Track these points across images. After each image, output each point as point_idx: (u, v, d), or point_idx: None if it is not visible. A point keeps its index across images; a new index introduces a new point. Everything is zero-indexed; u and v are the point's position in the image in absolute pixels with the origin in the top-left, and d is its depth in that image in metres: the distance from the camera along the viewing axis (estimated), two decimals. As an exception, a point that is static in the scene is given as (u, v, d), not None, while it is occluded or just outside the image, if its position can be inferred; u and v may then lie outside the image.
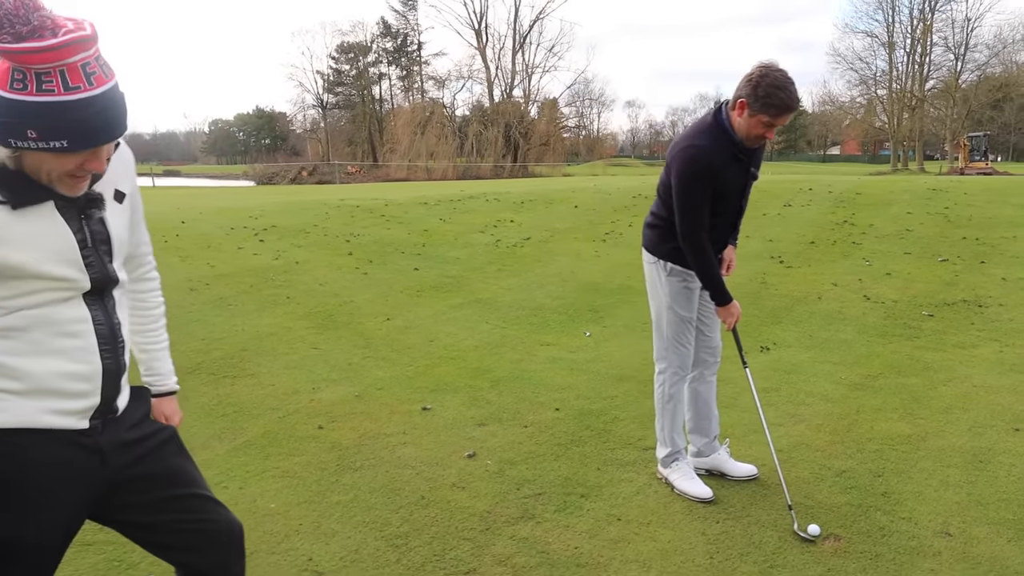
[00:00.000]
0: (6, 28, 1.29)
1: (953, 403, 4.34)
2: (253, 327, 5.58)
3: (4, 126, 1.35)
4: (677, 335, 3.32)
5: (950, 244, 8.53)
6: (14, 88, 1.33)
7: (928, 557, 2.79)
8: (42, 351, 1.50)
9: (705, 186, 3.00)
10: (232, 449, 3.74)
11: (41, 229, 1.48)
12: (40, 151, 1.39)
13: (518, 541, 2.93)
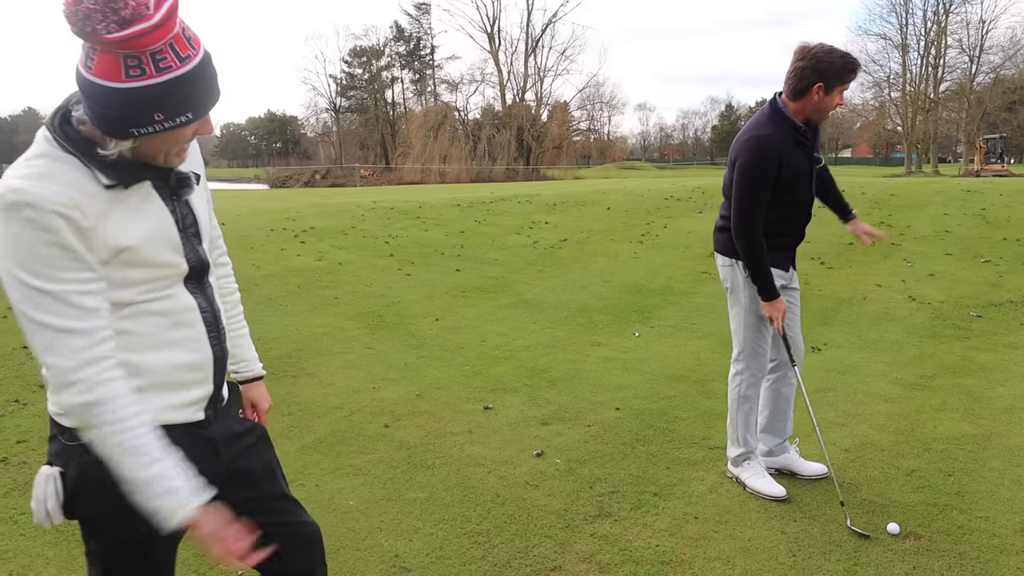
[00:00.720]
0: (109, 16, 1.22)
1: (1014, 403, 4.33)
2: (306, 327, 5.64)
3: (125, 119, 1.32)
4: (755, 337, 3.32)
5: (991, 245, 8.48)
6: (131, 76, 1.27)
7: (1013, 555, 2.79)
8: (157, 344, 1.48)
9: (770, 175, 3.02)
10: (302, 447, 3.78)
11: (142, 213, 1.45)
12: (165, 131, 1.36)
13: (599, 539, 2.95)
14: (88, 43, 1.28)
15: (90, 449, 1.41)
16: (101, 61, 1.27)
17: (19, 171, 1.33)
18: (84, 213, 1.34)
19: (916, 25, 56.24)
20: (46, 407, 1.51)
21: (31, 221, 1.29)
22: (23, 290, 1.31)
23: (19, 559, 2.79)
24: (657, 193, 12.45)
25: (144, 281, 1.45)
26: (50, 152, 1.36)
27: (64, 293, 1.32)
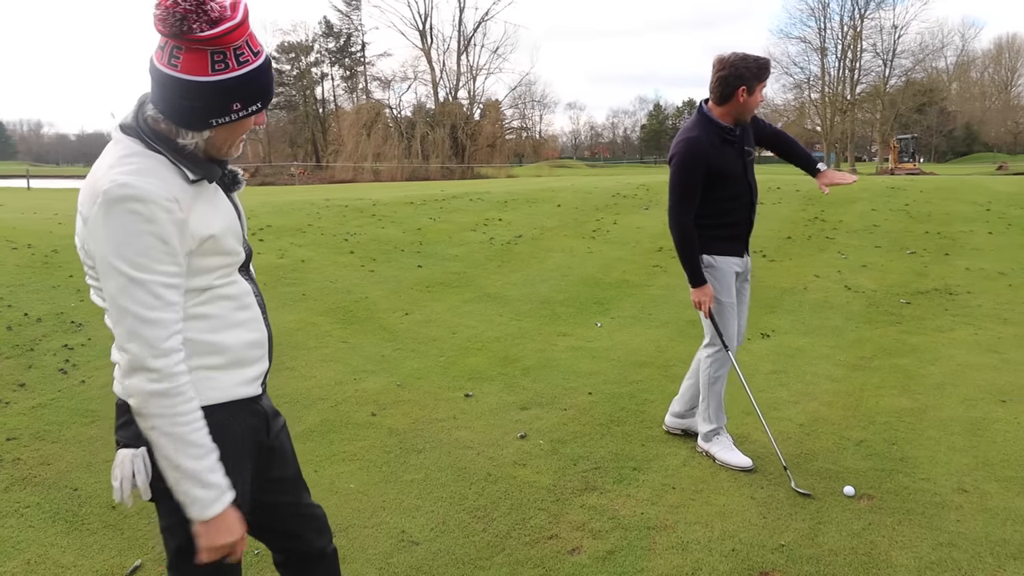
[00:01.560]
0: (201, 17, 1.39)
1: (943, 380, 4.78)
2: (278, 323, 5.72)
3: (207, 109, 1.47)
4: (721, 321, 3.64)
5: (915, 238, 9.13)
6: (216, 70, 1.43)
7: (952, 510, 3.15)
8: (230, 324, 1.62)
9: (698, 172, 3.39)
10: (294, 437, 3.90)
11: (217, 205, 1.60)
12: (239, 120, 1.52)
13: (588, 509, 3.19)
14: (175, 42, 1.42)
15: None
16: (188, 58, 1.42)
17: (120, 168, 1.45)
18: (180, 206, 1.48)
19: (833, 29, 58.90)
20: (40, 402, 1.58)
21: (136, 214, 1.42)
22: (119, 279, 1.43)
23: (33, 548, 2.86)
24: (604, 191, 12.83)
25: (219, 268, 1.60)
26: (140, 150, 1.49)
27: (153, 284, 1.45)
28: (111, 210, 1.41)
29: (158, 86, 1.47)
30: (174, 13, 1.38)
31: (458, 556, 2.84)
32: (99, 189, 1.43)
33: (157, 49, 1.46)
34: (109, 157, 1.50)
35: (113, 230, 1.42)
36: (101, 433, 3.84)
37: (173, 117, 1.48)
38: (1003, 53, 79.85)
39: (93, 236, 1.45)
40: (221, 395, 1.61)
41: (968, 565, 2.74)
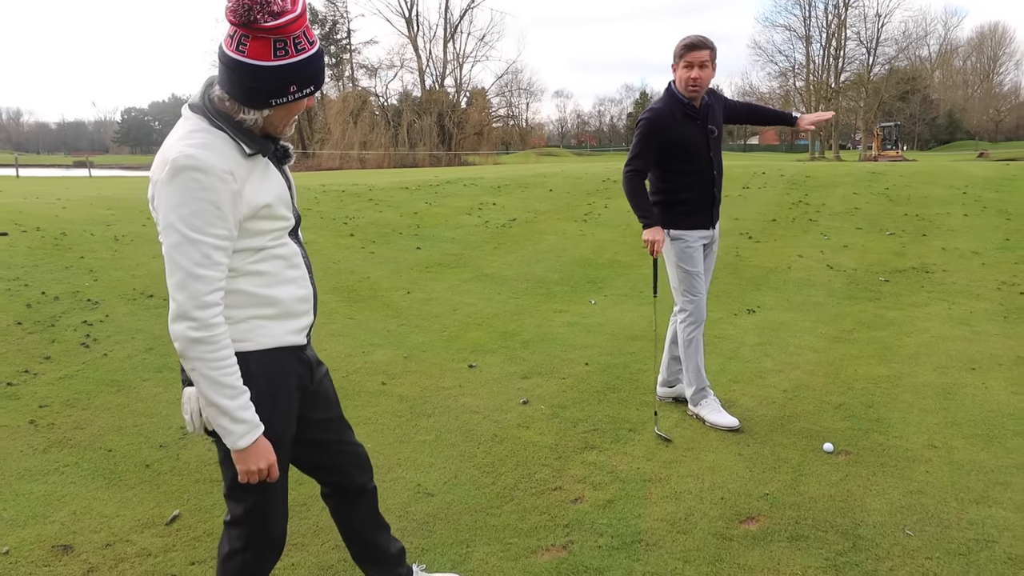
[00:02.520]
0: (265, 9, 1.61)
1: (918, 350, 5.08)
2: (286, 301, 5.95)
3: (269, 91, 1.69)
4: (688, 288, 3.92)
5: (894, 220, 9.45)
6: (278, 56, 1.66)
7: (922, 463, 3.44)
8: (282, 281, 1.85)
9: (652, 136, 3.75)
10: (311, 403, 4.16)
11: (269, 176, 1.82)
12: (295, 101, 1.74)
13: (588, 465, 3.46)
14: (243, 31, 1.64)
15: None
16: (254, 45, 1.64)
17: (186, 142, 1.67)
18: (235, 177, 1.70)
19: (818, 17, 59.25)
20: (67, 373, 1.80)
21: (197, 182, 1.63)
22: (175, 236, 1.64)
23: (77, 501, 3.09)
24: (594, 176, 13.10)
25: (271, 231, 1.82)
26: (205, 127, 1.72)
27: (204, 244, 1.65)
28: (176, 177, 1.63)
29: (226, 69, 1.69)
30: (243, 4, 1.60)
31: (471, 505, 3.10)
32: (168, 158, 1.65)
33: (226, 37, 1.68)
34: (179, 131, 1.73)
35: (175, 194, 1.64)
36: (128, 401, 4.08)
37: (238, 97, 1.70)
38: (985, 42, 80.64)
39: (158, 197, 1.67)
40: (272, 341, 1.83)
41: (935, 509, 3.02)
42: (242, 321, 1.80)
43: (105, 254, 6.94)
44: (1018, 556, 2.65)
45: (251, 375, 1.80)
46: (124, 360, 4.62)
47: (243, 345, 1.80)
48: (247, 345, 1.81)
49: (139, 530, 2.87)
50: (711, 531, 2.85)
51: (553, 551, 2.73)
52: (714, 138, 3.86)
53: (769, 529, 2.87)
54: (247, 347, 1.80)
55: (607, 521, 2.93)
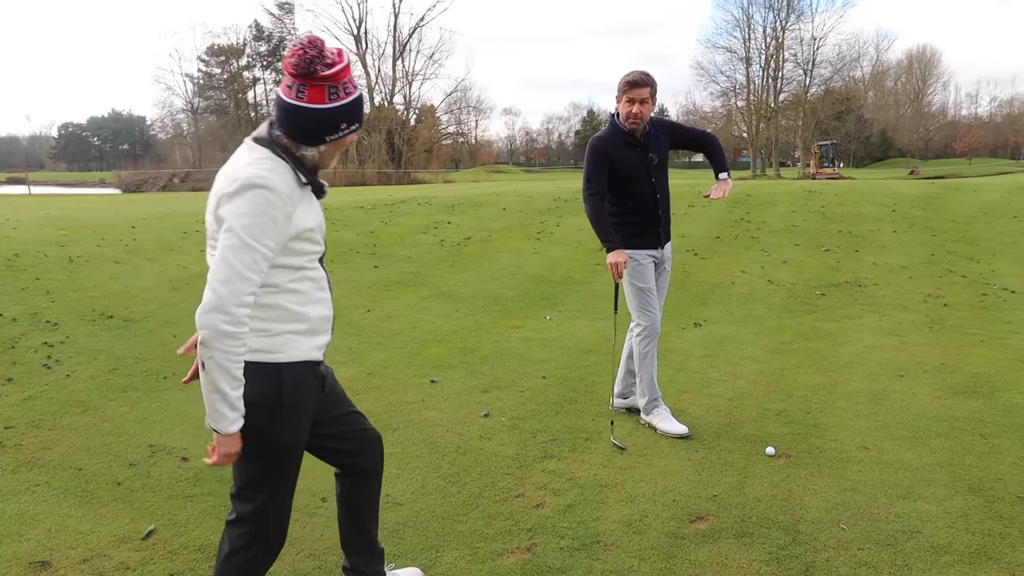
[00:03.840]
0: (321, 62, 1.93)
1: (852, 360, 5.43)
2: (246, 321, 6.01)
3: (323, 128, 1.98)
4: (643, 304, 4.17)
5: (830, 236, 9.96)
6: (332, 99, 1.96)
7: (855, 463, 3.72)
8: (312, 301, 2.09)
9: (598, 160, 4.06)
10: (277, 420, 4.26)
11: (313, 205, 2.07)
12: (343, 138, 2.03)
13: (549, 473, 3.65)
14: (301, 81, 1.93)
15: (266, 372, 1.99)
16: (311, 92, 1.94)
17: (257, 166, 1.93)
18: (292, 201, 1.95)
19: (757, 40, 61.30)
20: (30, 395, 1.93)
21: (264, 198, 1.88)
22: (234, 240, 1.85)
23: (51, 519, 3.15)
24: (546, 195, 13.40)
25: (308, 253, 2.06)
26: (271, 155, 1.98)
27: (256, 252, 1.88)
28: (246, 192, 1.88)
29: (285, 114, 1.97)
30: (304, 59, 1.91)
31: (438, 513, 3.25)
32: (239, 176, 1.89)
33: (284, 88, 1.97)
34: (247, 157, 1.98)
35: (242, 205, 1.87)
36: (95, 421, 4.12)
37: (296, 137, 1.99)
38: (914, 64, 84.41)
39: (226, 206, 1.89)
40: (301, 355, 2.05)
41: (866, 504, 3.30)
42: (278, 335, 2.01)
43: (61, 275, 6.89)
44: (940, 544, 2.92)
45: (281, 384, 2.02)
46: (88, 381, 4.65)
47: (276, 356, 2.01)
48: (280, 356, 2.02)
49: (116, 545, 2.95)
50: (664, 531, 3.06)
51: (518, 553, 2.90)
52: (655, 165, 4.12)
53: (717, 527, 3.09)
54: (280, 358, 2.02)
55: (567, 524, 3.12)
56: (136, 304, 6.37)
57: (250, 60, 69.85)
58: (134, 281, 7.05)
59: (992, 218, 10.64)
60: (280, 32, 67.92)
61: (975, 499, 3.32)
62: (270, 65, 69.59)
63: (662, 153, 4.17)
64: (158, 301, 6.51)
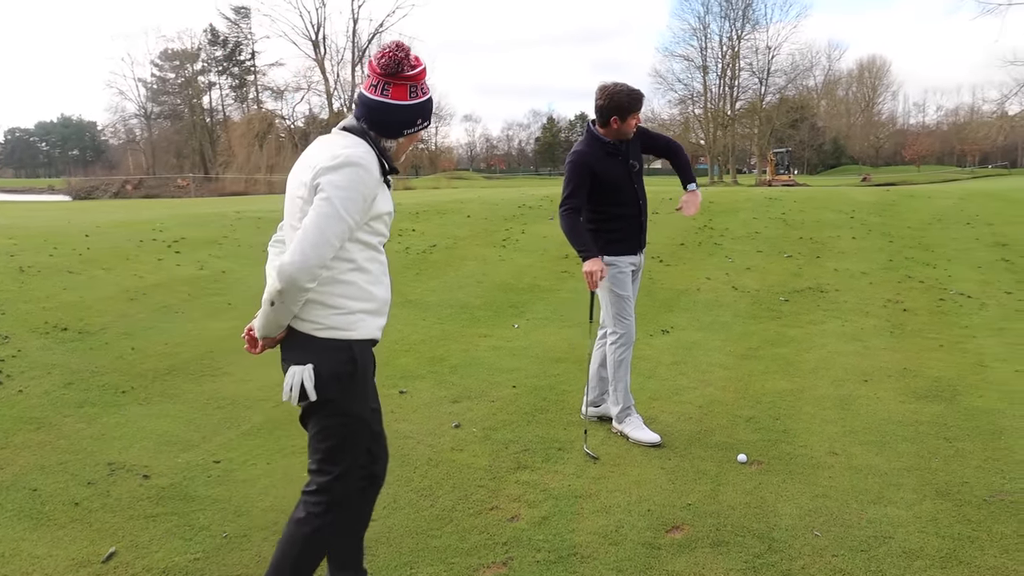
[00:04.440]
0: (407, 63, 2.20)
1: (817, 365, 5.50)
2: (209, 331, 5.85)
3: (403, 123, 2.24)
4: (619, 311, 4.17)
5: (791, 243, 10.12)
6: (412, 97, 2.23)
7: (825, 469, 3.76)
8: (379, 282, 2.27)
9: (583, 176, 4.03)
10: (243, 434, 4.15)
11: (387, 192, 2.26)
12: (417, 132, 2.30)
13: (522, 484, 3.61)
14: (386, 79, 2.20)
15: (340, 347, 2.16)
16: (395, 90, 2.21)
17: (356, 149, 2.14)
18: (377, 184, 2.17)
19: (714, 49, 62.30)
20: None
21: (360, 177, 2.10)
22: (330, 208, 2.06)
23: (4, 543, 3.00)
24: (510, 202, 13.39)
25: (381, 235, 2.27)
26: (361, 142, 2.19)
27: (345, 224, 2.08)
28: (346, 167, 2.09)
29: (368, 109, 2.22)
30: (394, 60, 2.18)
31: (411, 528, 3.18)
32: (340, 153, 2.10)
33: (369, 87, 2.22)
34: (342, 141, 2.18)
35: (342, 178, 2.08)
36: (50, 439, 3.96)
37: (379, 130, 2.24)
38: (864, 73, 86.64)
39: (326, 176, 2.08)
40: (368, 333, 2.23)
41: (838, 510, 3.32)
42: (352, 312, 2.19)
43: (11, 286, 6.64)
44: (912, 549, 2.96)
45: (353, 359, 2.19)
46: (42, 396, 4.47)
47: (350, 333, 2.18)
48: (353, 334, 2.19)
49: (74, 570, 2.82)
50: (640, 541, 3.05)
51: (494, 568, 2.86)
52: (636, 172, 4.15)
53: (693, 537, 3.08)
54: (352, 335, 2.19)
55: (543, 537, 3.08)
56: (91, 315, 6.17)
57: (205, 65, 68.77)
58: (89, 292, 6.82)
59: (946, 224, 10.92)
60: (236, 37, 67.12)
61: (943, 503, 3.36)
62: (226, 70, 68.59)
63: (640, 158, 4.20)
64: (114, 312, 6.31)
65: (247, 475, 3.65)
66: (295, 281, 2.03)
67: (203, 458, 3.82)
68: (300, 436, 4.14)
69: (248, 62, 68.15)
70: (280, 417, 4.36)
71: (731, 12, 60.83)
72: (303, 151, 2.34)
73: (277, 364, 2.26)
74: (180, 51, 66.87)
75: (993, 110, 39.73)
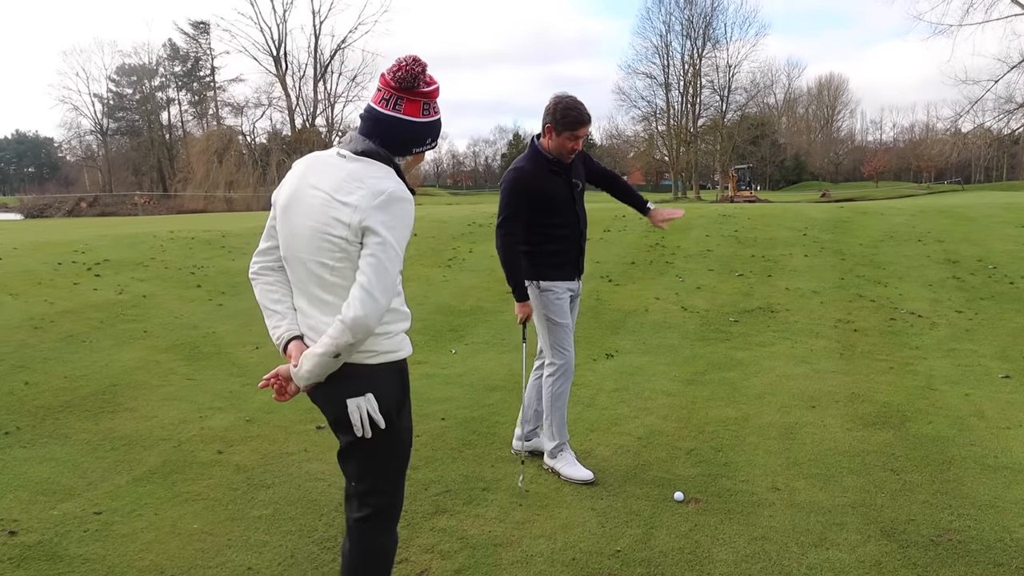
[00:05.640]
0: (422, 79, 2.10)
1: (764, 390, 5.28)
2: (117, 362, 5.43)
3: (414, 140, 2.15)
4: (558, 340, 3.88)
5: (743, 261, 9.96)
6: (424, 115, 2.14)
7: (766, 507, 3.51)
8: (404, 302, 2.22)
9: (522, 196, 3.72)
10: (134, 480, 3.76)
11: None
12: (424, 151, 2.21)
13: (438, 532, 3.29)
14: (400, 94, 2.09)
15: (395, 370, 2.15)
16: (408, 106, 2.11)
17: (393, 180, 2.05)
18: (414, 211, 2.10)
19: (676, 66, 63.09)
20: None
21: (407, 212, 2.04)
22: (391, 252, 1.99)
23: None
24: (460, 220, 13.09)
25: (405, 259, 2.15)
26: (389, 169, 2.09)
27: (401, 260, 2.04)
28: (393, 205, 2.00)
29: (379, 124, 2.11)
30: (411, 74, 2.08)
31: (307, 588, 2.85)
32: (382, 190, 2.00)
33: (381, 101, 2.11)
34: (374, 171, 2.06)
35: (392, 217, 2.00)
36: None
37: (389, 146, 2.12)
38: (823, 91, 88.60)
39: (376, 217, 1.98)
40: (409, 351, 2.22)
41: (777, 555, 3.06)
42: (396, 335, 2.16)
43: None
44: (852, 601, 2.70)
45: (403, 377, 2.21)
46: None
47: (397, 355, 2.17)
48: (400, 355, 2.18)
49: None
50: (560, 598, 2.75)
51: (393, 636, 2.53)
52: (578, 192, 3.87)
53: (617, 591, 2.80)
54: (399, 356, 2.18)
55: (453, 596, 2.77)
56: (-9, 345, 5.70)
57: (164, 80, 67.65)
58: (-5, 319, 6.35)
59: (898, 241, 10.88)
60: (196, 52, 66.14)
61: (888, 545, 3.13)
62: (185, 86, 67.55)
63: (583, 179, 3.93)
64: (14, 342, 5.84)
65: (129, 528, 3.27)
66: (369, 329, 2.00)
67: (83, 509, 3.43)
68: (195, 481, 3.81)
69: (208, 78, 67.22)
70: (178, 459, 3.99)
71: (692, 31, 61.73)
72: (271, 169, 2.13)
73: (187, 398, 1.97)
74: (138, 66, 65.77)
75: (947, 127, 40.62)
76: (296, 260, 2.12)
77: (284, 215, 2.14)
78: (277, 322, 2.19)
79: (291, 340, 2.18)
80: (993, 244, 10.54)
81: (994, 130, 36.69)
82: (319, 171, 2.11)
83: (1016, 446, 4.20)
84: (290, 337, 2.18)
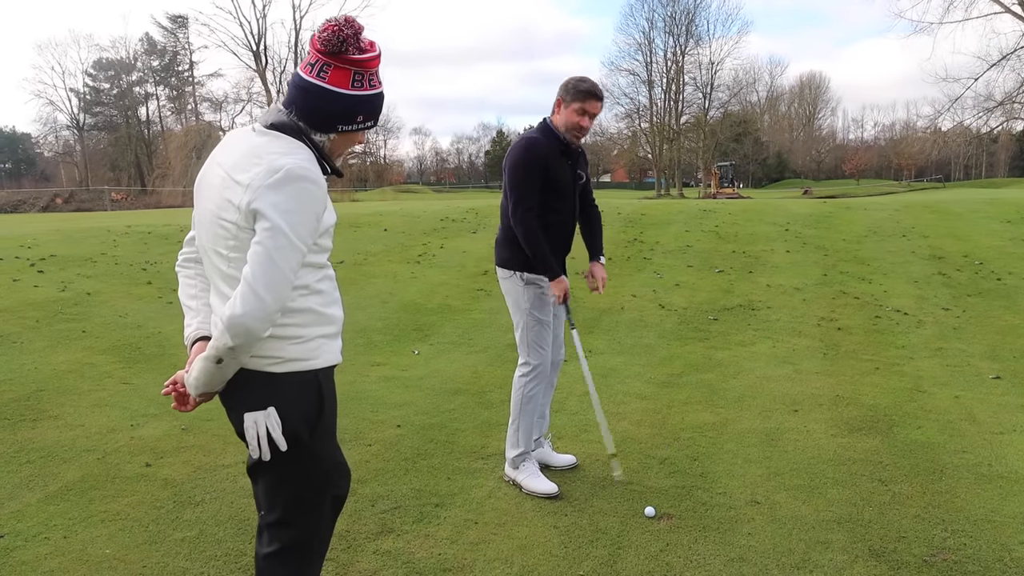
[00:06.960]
0: (355, 44, 1.79)
1: (744, 393, 4.97)
2: (47, 365, 5.03)
3: (339, 115, 1.83)
4: (537, 338, 3.57)
5: (723, 257, 9.67)
6: (355, 87, 1.81)
7: (745, 523, 3.20)
8: (333, 301, 1.94)
9: (536, 169, 3.40)
10: (46, 497, 3.39)
11: (330, 200, 1.89)
12: (356, 131, 1.88)
13: (381, 555, 2.95)
14: (327, 59, 1.78)
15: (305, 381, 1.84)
16: (335, 74, 1.79)
17: (295, 156, 1.74)
18: (326, 196, 1.80)
19: (659, 63, 62.88)
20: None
21: (310, 192, 1.72)
22: (282, 240, 1.68)
23: None
24: (433, 215, 12.71)
25: (328, 250, 1.91)
26: (299, 145, 1.78)
27: (300, 253, 1.73)
28: (290, 184, 1.69)
29: (302, 93, 1.81)
30: (337, 36, 1.77)
31: (225, 624, 2.50)
32: (279, 165, 1.70)
33: (306, 66, 1.82)
34: (276, 145, 1.76)
35: (288, 200, 1.69)
36: None
37: (308, 120, 1.82)
38: (805, 89, 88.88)
39: (266, 199, 1.68)
40: (330, 359, 1.92)
41: (755, 579, 2.76)
42: (311, 340, 1.86)
43: None
44: (839, 635, 2.39)
45: (319, 391, 1.90)
46: None
47: (312, 363, 1.86)
48: (315, 363, 1.87)
49: None
50: (511, 635, 2.42)
51: None
52: (580, 184, 3.61)
53: (577, 625, 2.47)
54: (315, 364, 1.87)
55: (389, 633, 2.43)
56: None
57: (142, 75, 66.60)
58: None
59: (881, 237, 10.64)
60: (174, 47, 65.16)
61: (878, 566, 2.84)
62: (163, 80, 66.56)
63: (587, 172, 3.68)
64: (-61, 344, 5.41)
65: (32, 554, 2.90)
66: (251, 333, 1.70)
67: (-18, 532, 3.05)
68: (115, 499, 3.41)
69: (186, 72, 66.29)
70: (99, 474, 3.62)
71: (675, 28, 61.49)
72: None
73: (120, 404, 1.66)
74: (115, 61, 64.71)
75: (927, 126, 40.77)
76: (202, 249, 1.89)
77: (196, 198, 1.91)
78: (190, 320, 1.95)
79: (197, 341, 1.89)
80: (979, 240, 10.33)
81: (973, 128, 36.87)
82: (227, 147, 1.86)
83: (1011, 453, 3.92)
84: (196, 337, 1.90)
